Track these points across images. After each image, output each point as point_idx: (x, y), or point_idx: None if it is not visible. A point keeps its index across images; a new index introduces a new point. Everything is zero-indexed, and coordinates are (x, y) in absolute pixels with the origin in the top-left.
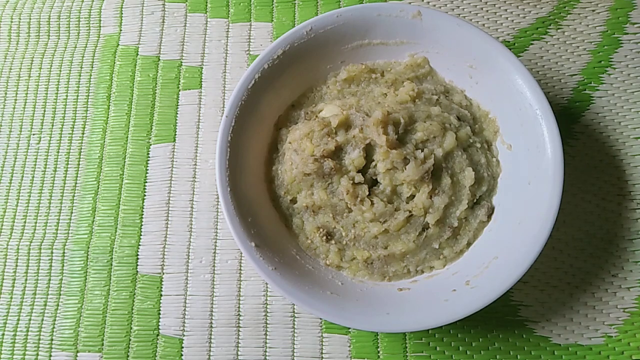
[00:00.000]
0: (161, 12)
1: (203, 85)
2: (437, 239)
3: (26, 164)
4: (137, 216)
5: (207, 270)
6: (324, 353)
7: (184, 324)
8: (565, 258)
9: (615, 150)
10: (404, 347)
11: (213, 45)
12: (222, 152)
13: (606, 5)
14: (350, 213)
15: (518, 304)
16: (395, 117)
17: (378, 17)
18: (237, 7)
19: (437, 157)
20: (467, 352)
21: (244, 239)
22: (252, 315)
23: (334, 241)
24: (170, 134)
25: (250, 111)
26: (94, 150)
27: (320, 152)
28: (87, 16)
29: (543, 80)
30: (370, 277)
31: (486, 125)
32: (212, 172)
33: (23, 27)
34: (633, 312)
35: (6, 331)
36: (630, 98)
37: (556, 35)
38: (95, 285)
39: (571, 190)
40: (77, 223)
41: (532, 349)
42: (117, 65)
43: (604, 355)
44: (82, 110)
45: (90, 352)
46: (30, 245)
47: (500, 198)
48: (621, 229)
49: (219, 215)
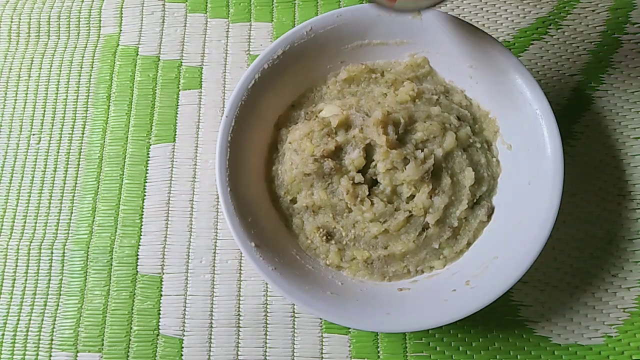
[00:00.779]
0: (161, 12)
1: (203, 85)
2: (437, 239)
3: (26, 164)
4: (137, 216)
5: (207, 270)
6: (324, 353)
7: (184, 324)
8: (565, 258)
9: (615, 150)
10: (404, 347)
11: (213, 45)
12: (222, 152)
13: (606, 5)
14: (350, 213)
15: (518, 304)
16: (395, 117)
17: (378, 17)
18: (237, 7)
19: (437, 157)
20: (467, 352)
21: (244, 239)
22: (252, 315)
23: (334, 241)
24: (170, 134)
25: (250, 111)
26: (94, 150)
27: (320, 152)
28: (87, 16)
29: (543, 80)
30: (370, 277)
31: (486, 125)
32: (212, 172)
33: (23, 27)
34: (633, 312)
35: (6, 331)
36: (630, 98)
37: (556, 35)
38: (95, 285)
39: (571, 190)
40: (77, 223)
41: (532, 349)
42: (117, 65)
43: (604, 355)
44: (82, 110)
45: (90, 352)
46: (30, 245)
47: (500, 198)
48: (621, 229)
49: (219, 215)
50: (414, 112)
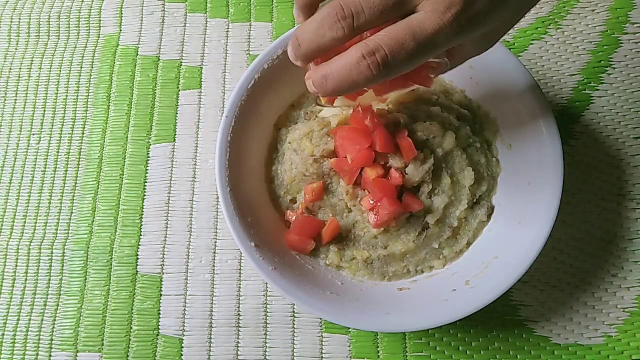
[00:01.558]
0: (161, 12)
1: (203, 86)
2: (437, 239)
3: (26, 164)
4: (137, 216)
5: (207, 270)
6: (324, 353)
7: (184, 324)
8: (565, 258)
9: (615, 150)
10: (404, 347)
11: (213, 45)
12: (222, 152)
13: (606, 5)
14: (350, 213)
15: (518, 304)
16: (396, 117)
17: None
18: (237, 7)
19: (437, 157)
20: (467, 352)
21: (244, 239)
22: (252, 315)
23: (334, 241)
24: (170, 134)
25: (250, 111)
26: (94, 150)
27: (320, 152)
28: (87, 16)
29: (543, 80)
30: (370, 277)
31: (486, 125)
32: (212, 172)
33: (23, 27)
34: (633, 312)
35: (6, 331)
36: (630, 98)
37: (556, 35)
38: (95, 286)
39: (571, 190)
40: (77, 223)
41: (532, 349)
42: (117, 65)
43: (604, 355)
44: (82, 110)
45: (90, 352)
46: (30, 245)
47: (500, 198)
48: (621, 229)
49: (219, 215)
50: (414, 112)
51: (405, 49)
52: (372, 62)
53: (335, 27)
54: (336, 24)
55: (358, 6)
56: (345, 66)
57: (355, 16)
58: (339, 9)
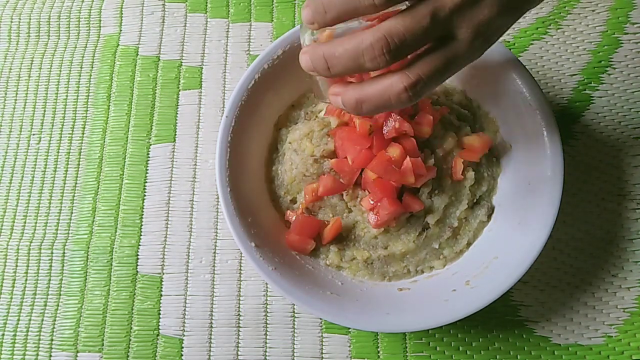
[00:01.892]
0: (161, 12)
1: (203, 85)
2: (437, 239)
3: (26, 164)
4: (137, 216)
5: (207, 270)
6: (324, 353)
7: (184, 324)
8: (565, 258)
9: (615, 150)
10: (404, 347)
11: (213, 45)
12: (222, 152)
13: (606, 5)
14: (350, 213)
15: (518, 304)
16: None
17: None
18: (237, 7)
19: (437, 157)
20: (467, 352)
21: (244, 239)
22: (252, 315)
23: (334, 241)
24: (170, 134)
25: (250, 111)
26: (94, 150)
27: (320, 152)
28: (87, 16)
29: (543, 80)
30: (370, 277)
31: (486, 125)
32: (212, 172)
33: (23, 27)
34: (633, 312)
35: (6, 331)
36: (630, 98)
37: (556, 35)
38: (95, 285)
39: (571, 190)
40: (77, 223)
41: (532, 349)
42: (117, 65)
43: (604, 355)
44: (82, 110)
45: (90, 352)
46: (30, 245)
47: (500, 198)
48: (621, 229)
49: (219, 215)
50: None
51: (438, 78)
52: (413, 93)
53: (377, 60)
54: (379, 57)
55: (401, 36)
56: (384, 95)
57: (400, 48)
58: (384, 42)
